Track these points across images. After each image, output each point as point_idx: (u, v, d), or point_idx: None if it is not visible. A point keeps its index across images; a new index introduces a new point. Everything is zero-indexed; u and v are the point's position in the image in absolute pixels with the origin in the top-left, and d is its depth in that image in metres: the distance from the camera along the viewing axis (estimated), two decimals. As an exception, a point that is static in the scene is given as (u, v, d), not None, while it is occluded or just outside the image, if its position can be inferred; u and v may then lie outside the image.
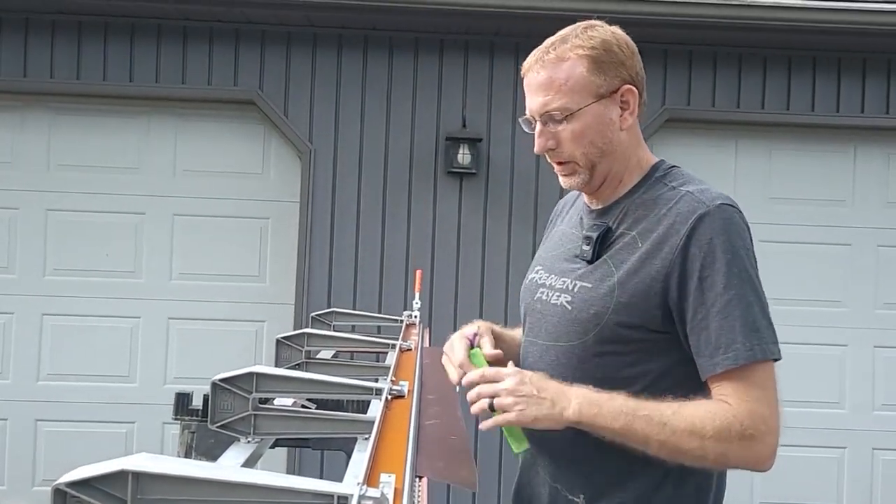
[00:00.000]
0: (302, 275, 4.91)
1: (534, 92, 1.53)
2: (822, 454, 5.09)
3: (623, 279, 1.46)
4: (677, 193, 1.49)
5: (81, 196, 5.02)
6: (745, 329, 1.38)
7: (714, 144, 5.19)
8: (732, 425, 1.36)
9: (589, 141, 1.51)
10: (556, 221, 1.78)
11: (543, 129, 1.53)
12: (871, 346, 5.15)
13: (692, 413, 1.37)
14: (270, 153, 5.11)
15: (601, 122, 1.50)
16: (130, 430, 4.98)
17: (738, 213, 1.45)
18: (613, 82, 1.51)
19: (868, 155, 5.21)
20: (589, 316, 1.48)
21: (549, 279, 1.61)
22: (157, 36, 4.93)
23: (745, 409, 1.36)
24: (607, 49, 1.51)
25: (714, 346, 1.39)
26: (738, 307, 1.39)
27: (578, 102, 1.49)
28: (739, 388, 1.38)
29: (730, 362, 1.38)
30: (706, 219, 1.42)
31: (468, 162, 4.85)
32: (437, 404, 1.84)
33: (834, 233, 5.17)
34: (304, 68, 4.97)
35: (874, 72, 5.07)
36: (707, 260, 1.41)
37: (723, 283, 1.39)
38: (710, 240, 1.41)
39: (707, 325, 1.40)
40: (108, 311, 4.99)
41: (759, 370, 1.39)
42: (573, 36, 1.53)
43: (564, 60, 1.50)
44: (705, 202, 1.44)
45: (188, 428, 2.04)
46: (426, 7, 4.67)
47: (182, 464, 0.89)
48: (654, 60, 5.03)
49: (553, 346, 1.55)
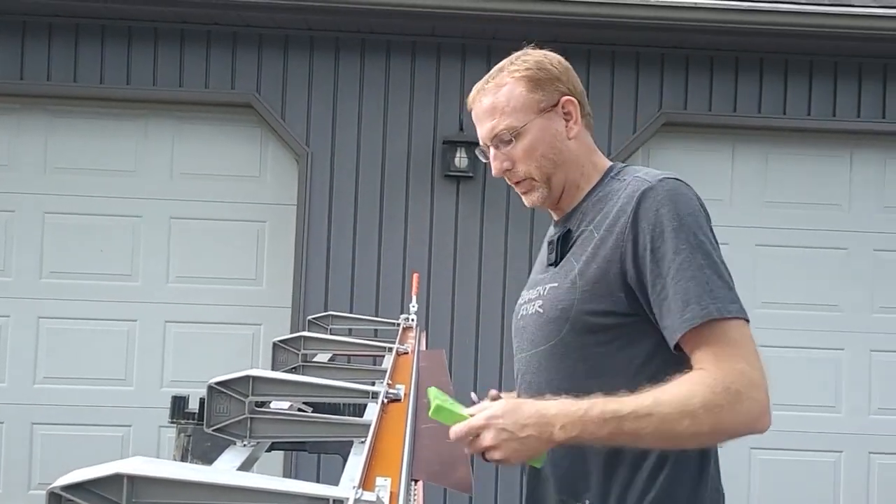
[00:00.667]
0: (299, 278, 4.91)
1: (480, 120, 1.62)
2: (818, 458, 5.10)
3: (582, 269, 1.50)
4: (626, 182, 1.53)
5: (78, 199, 5.01)
6: (698, 289, 1.37)
7: (711, 148, 5.20)
8: (716, 389, 1.33)
9: (540, 154, 1.59)
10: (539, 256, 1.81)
11: (497, 153, 1.62)
12: (868, 350, 5.15)
13: (675, 393, 1.34)
14: (267, 156, 5.11)
15: (548, 134, 1.58)
16: (126, 433, 4.98)
17: (683, 185, 1.48)
18: (552, 96, 1.59)
19: (864, 159, 5.22)
20: (558, 312, 1.51)
21: (527, 295, 1.65)
22: (155, 39, 4.93)
23: (724, 368, 1.34)
24: (541, 67, 1.60)
25: (673, 312, 1.39)
26: (689, 270, 1.38)
27: (522, 120, 1.57)
28: (711, 349, 1.36)
29: (687, 325, 1.37)
30: (650, 193, 1.45)
31: (465, 165, 4.85)
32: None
33: (830, 237, 5.17)
34: (301, 71, 4.97)
35: (870, 76, 5.09)
36: (656, 231, 1.42)
37: (672, 250, 1.40)
38: (655, 211, 1.43)
39: (665, 295, 1.40)
40: (104, 314, 4.98)
41: (727, 328, 1.37)
42: (508, 64, 1.62)
43: (503, 86, 1.59)
44: (648, 180, 1.48)
45: (184, 431, 2.04)
46: (423, 11, 4.68)
47: (178, 467, 0.88)
48: (651, 64, 5.05)
49: (536, 352, 1.57)
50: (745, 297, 1.47)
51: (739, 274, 5.72)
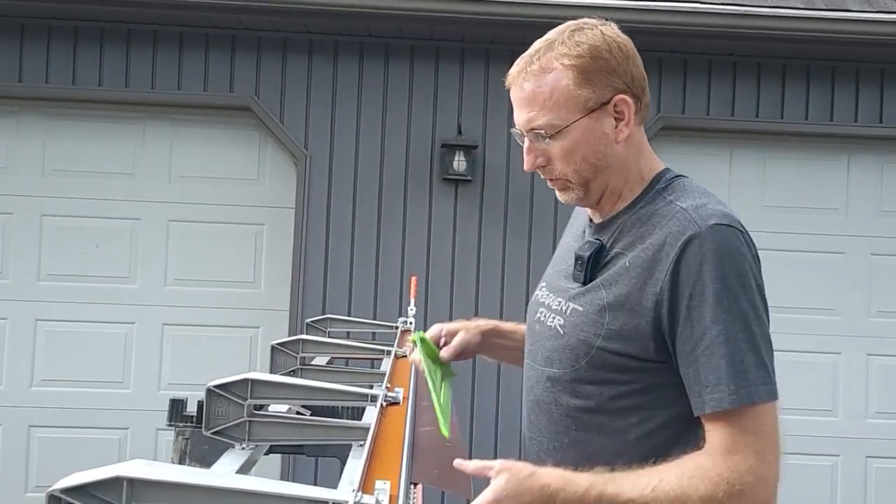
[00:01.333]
0: (297, 281, 4.91)
1: (518, 106, 1.43)
2: (815, 462, 5.10)
3: (613, 304, 1.37)
4: (672, 209, 1.38)
5: (76, 201, 5.01)
6: (730, 370, 1.28)
7: (709, 152, 5.20)
8: (719, 486, 1.26)
9: (580, 157, 1.40)
10: (569, 228, 1.64)
11: (532, 146, 1.43)
12: (865, 354, 5.16)
13: (676, 485, 1.27)
14: (266, 159, 5.11)
15: (593, 137, 1.39)
16: (124, 436, 4.97)
17: (735, 234, 1.33)
18: (604, 93, 1.39)
19: (861, 164, 5.23)
20: (578, 342, 1.40)
21: (547, 298, 1.53)
22: (154, 41, 4.93)
23: (732, 464, 1.27)
24: (595, 56, 1.39)
25: (702, 384, 1.30)
26: (725, 345, 1.28)
27: (565, 118, 1.38)
28: (728, 434, 1.29)
29: (714, 405, 1.29)
30: (696, 241, 1.31)
31: (464, 169, 4.85)
32: (433, 411, 1.84)
33: (827, 241, 5.18)
34: (300, 74, 4.97)
35: (867, 81, 5.10)
36: (696, 289, 1.30)
37: (710, 317, 1.29)
38: (699, 266, 1.30)
39: (695, 360, 1.30)
40: (102, 316, 4.98)
41: (751, 413, 1.29)
42: (559, 42, 1.41)
43: (549, 71, 1.39)
44: (697, 222, 1.33)
45: (182, 434, 2.04)
46: (422, 14, 4.68)
47: (176, 470, 0.89)
48: (650, 68, 4.98)
49: (547, 371, 1.47)
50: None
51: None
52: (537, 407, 1.49)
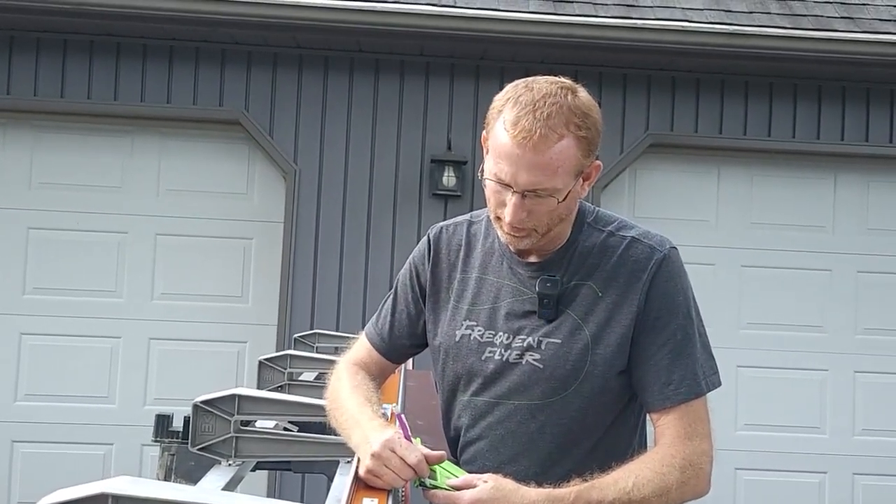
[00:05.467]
0: (285, 296, 4.89)
1: (525, 167, 1.43)
2: (802, 479, 5.10)
3: (595, 333, 1.51)
4: (621, 239, 1.55)
5: (63, 214, 4.98)
6: (694, 366, 1.49)
7: (697, 170, 5.23)
8: (685, 471, 1.44)
9: (557, 214, 1.49)
10: (459, 266, 1.64)
11: (521, 202, 1.46)
12: (852, 371, 5.18)
13: (650, 478, 1.42)
14: (255, 173, 5.10)
15: (573, 196, 1.50)
16: (109, 451, 4.92)
17: (678, 253, 1.57)
18: (590, 161, 1.49)
19: (848, 182, 5.27)
20: (566, 372, 1.50)
21: (496, 338, 1.55)
22: (143, 55, 4.93)
23: (690, 449, 1.46)
24: (596, 129, 1.49)
25: (664, 382, 1.48)
26: (688, 345, 1.50)
27: (567, 184, 1.46)
28: (686, 423, 1.47)
29: (682, 397, 1.48)
30: (664, 263, 1.52)
31: (453, 184, 4.86)
32: (421, 427, 1.83)
33: (814, 258, 5.21)
34: (289, 89, 4.98)
35: (854, 100, 5.15)
36: (664, 301, 1.50)
37: (676, 323, 1.50)
38: (666, 283, 1.51)
39: (657, 361, 1.49)
40: (88, 330, 4.94)
41: (701, 402, 1.49)
42: (567, 106, 1.44)
43: (561, 138, 1.43)
44: (656, 247, 1.53)
45: (168, 450, 2.02)
46: (412, 30, 4.70)
47: (163, 487, 0.88)
48: (638, 86, 5.08)
49: (525, 404, 1.52)
50: (729, 317, 1.56)
51: (724, 294, 5.71)
52: (511, 438, 1.54)
